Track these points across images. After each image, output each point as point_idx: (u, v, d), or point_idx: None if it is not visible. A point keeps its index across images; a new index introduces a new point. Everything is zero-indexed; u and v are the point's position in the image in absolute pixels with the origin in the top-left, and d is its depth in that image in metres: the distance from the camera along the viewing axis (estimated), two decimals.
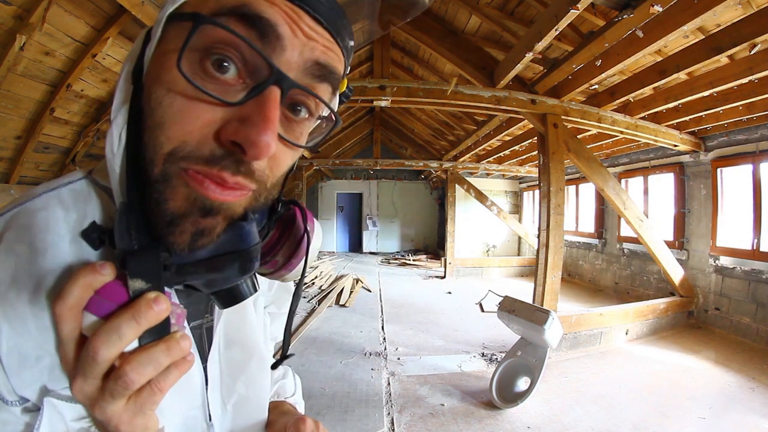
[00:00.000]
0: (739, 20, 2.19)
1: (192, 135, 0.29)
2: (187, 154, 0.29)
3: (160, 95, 0.29)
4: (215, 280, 0.34)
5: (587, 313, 3.44)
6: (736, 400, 2.51)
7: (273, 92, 0.29)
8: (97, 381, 0.27)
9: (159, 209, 0.30)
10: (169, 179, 0.29)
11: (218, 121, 0.29)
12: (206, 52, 0.29)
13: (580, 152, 3.42)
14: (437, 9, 3.44)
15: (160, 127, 0.29)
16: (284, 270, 0.41)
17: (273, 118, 0.29)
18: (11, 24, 2.05)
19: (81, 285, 0.27)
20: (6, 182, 2.99)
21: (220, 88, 0.29)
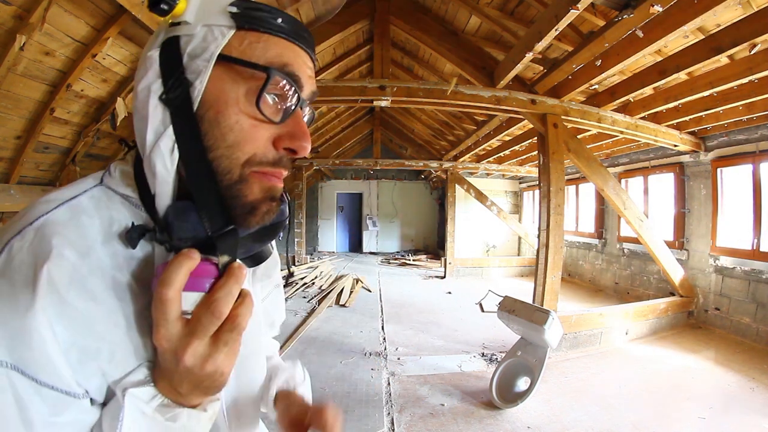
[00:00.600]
0: (739, 20, 2.19)
1: (260, 147, 0.40)
2: (259, 161, 0.40)
3: (231, 122, 0.38)
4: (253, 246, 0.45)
5: (587, 313, 3.44)
6: (736, 400, 2.51)
7: (299, 112, 0.43)
8: (207, 339, 0.35)
9: (239, 202, 0.40)
10: (246, 180, 0.40)
11: (273, 134, 0.41)
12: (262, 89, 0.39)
13: (580, 152, 3.42)
14: (437, 9, 3.45)
15: (236, 145, 0.39)
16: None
17: (306, 130, 0.43)
18: (11, 24, 2.04)
19: (183, 270, 0.34)
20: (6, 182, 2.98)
21: (272, 114, 0.41)
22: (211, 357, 0.35)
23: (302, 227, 7.98)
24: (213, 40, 0.37)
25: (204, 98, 0.38)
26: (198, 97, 0.38)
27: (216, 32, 0.38)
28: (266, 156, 0.41)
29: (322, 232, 10.69)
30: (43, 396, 0.32)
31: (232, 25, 0.38)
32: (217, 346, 0.35)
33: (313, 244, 10.48)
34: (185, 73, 0.37)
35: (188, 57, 0.38)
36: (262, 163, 0.40)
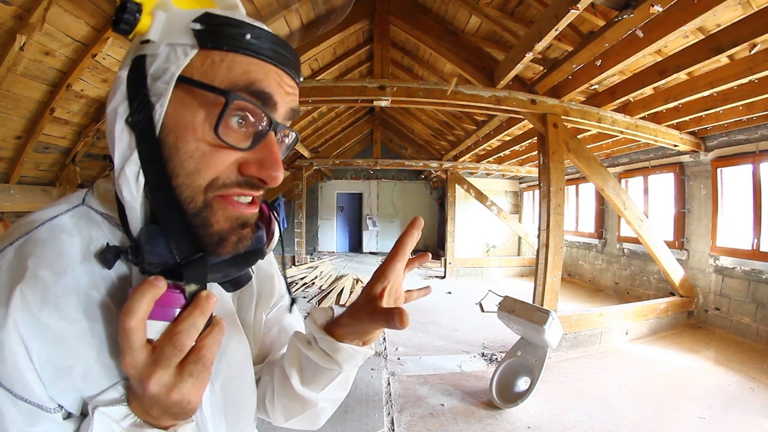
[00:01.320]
0: (739, 20, 2.19)
1: (221, 172, 0.38)
2: (222, 184, 0.38)
3: (191, 149, 0.36)
4: (231, 271, 0.43)
5: (587, 313, 3.44)
6: (736, 400, 2.51)
7: (272, 136, 0.39)
8: (172, 368, 0.35)
9: (206, 231, 0.38)
10: (210, 206, 0.38)
11: (239, 159, 0.38)
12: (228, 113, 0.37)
13: (580, 152, 3.42)
14: (437, 9, 3.45)
15: (197, 172, 0.37)
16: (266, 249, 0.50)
17: (278, 158, 0.40)
18: (11, 24, 2.04)
19: (147, 300, 0.33)
20: (6, 182, 2.98)
21: (237, 139, 0.38)
22: (176, 386, 0.34)
23: (302, 227, 7.98)
24: (175, 60, 0.35)
25: (165, 122, 0.36)
26: (159, 121, 0.36)
27: (179, 52, 0.35)
28: (229, 178, 0.38)
29: (322, 232, 10.69)
30: (18, 407, 0.33)
31: (194, 44, 0.35)
32: (182, 377, 0.35)
33: (313, 244, 10.48)
34: (149, 95, 0.36)
35: (151, 78, 0.36)
36: (225, 185, 0.38)
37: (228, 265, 0.42)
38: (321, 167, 8.41)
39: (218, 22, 0.36)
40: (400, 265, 0.48)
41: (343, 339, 0.47)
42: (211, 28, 0.36)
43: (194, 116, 0.36)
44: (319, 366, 0.48)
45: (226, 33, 0.36)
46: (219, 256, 0.39)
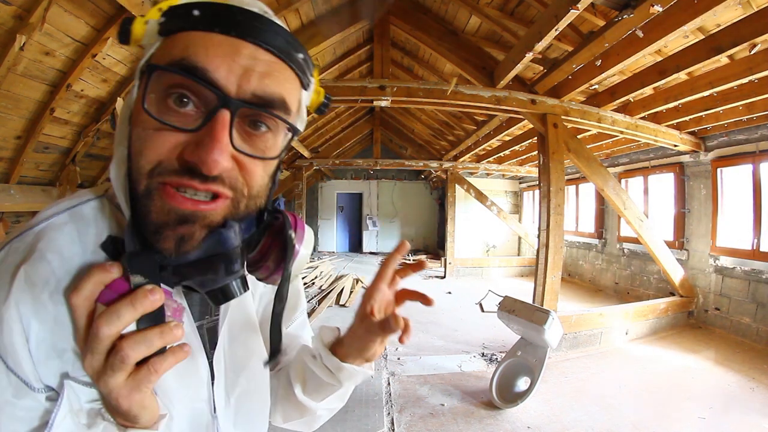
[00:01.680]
0: (739, 20, 2.19)
1: (163, 156, 0.35)
2: (161, 170, 0.35)
3: (138, 130, 0.36)
4: (206, 280, 0.39)
5: (587, 313, 3.44)
6: (736, 400, 2.51)
7: (222, 115, 0.35)
8: (101, 357, 0.33)
9: (145, 221, 0.36)
10: (150, 193, 0.36)
11: (182, 144, 0.36)
12: (166, 92, 0.36)
13: (580, 152, 3.42)
14: (437, 9, 3.45)
15: (140, 153, 0.36)
16: (276, 274, 0.45)
17: (219, 137, 0.35)
18: (11, 24, 2.04)
19: (93, 281, 0.34)
20: (6, 182, 2.98)
21: (181, 120, 0.36)
22: (101, 377, 0.34)
23: None
24: (145, 55, 0.38)
25: (132, 110, 0.38)
26: (129, 111, 0.38)
27: (148, 48, 0.38)
28: (170, 165, 0.35)
29: (322, 232, 10.69)
30: (9, 378, 0.34)
31: (157, 37, 0.37)
32: (105, 369, 0.33)
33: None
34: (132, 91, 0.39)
35: (135, 78, 0.39)
36: (164, 172, 0.35)
37: (196, 270, 0.38)
38: (321, 167, 8.41)
39: (176, 9, 0.37)
40: (384, 284, 0.51)
41: (346, 358, 0.51)
42: (169, 18, 0.37)
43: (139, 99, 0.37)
44: (321, 380, 0.52)
45: (178, 15, 0.36)
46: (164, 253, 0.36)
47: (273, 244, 0.45)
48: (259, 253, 0.44)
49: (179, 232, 0.36)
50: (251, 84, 0.37)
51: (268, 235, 0.45)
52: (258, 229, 0.44)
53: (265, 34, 0.37)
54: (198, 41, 0.35)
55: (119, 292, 0.34)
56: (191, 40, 0.36)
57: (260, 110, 0.38)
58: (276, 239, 0.45)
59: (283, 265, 0.44)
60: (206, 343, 0.48)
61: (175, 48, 0.36)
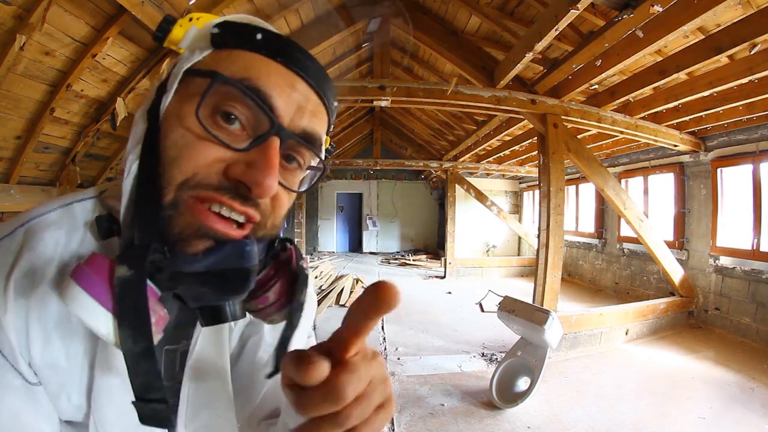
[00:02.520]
0: (739, 20, 2.19)
1: (202, 169, 0.34)
2: (197, 183, 0.34)
3: (177, 136, 0.35)
4: (205, 294, 0.36)
5: (587, 313, 3.44)
6: (736, 400, 2.51)
7: (274, 142, 0.36)
8: None
9: (167, 230, 0.34)
10: (178, 206, 0.34)
11: (227, 160, 0.35)
12: (217, 106, 0.35)
13: (580, 152, 3.42)
14: (437, 9, 3.45)
15: (175, 161, 0.35)
16: (273, 308, 0.42)
17: (275, 163, 0.35)
18: (11, 24, 2.04)
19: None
20: (6, 182, 2.98)
21: (228, 137, 0.35)
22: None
23: (302, 227, 7.99)
24: (188, 58, 0.37)
25: (166, 113, 0.37)
26: (162, 111, 0.37)
27: (195, 52, 0.37)
28: (208, 179, 0.34)
29: (322, 232, 10.69)
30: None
31: (208, 46, 0.37)
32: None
33: (313, 244, 10.48)
34: (165, 90, 0.37)
35: (171, 77, 0.38)
36: (202, 185, 0.34)
37: (201, 282, 0.35)
38: None
39: (233, 24, 0.38)
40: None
41: None
42: (225, 31, 0.37)
43: (187, 104, 0.36)
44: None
45: (237, 33, 0.37)
46: (185, 255, 0.34)
47: (278, 274, 0.42)
48: (262, 281, 0.42)
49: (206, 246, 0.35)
50: (303, 121, 0.38)
51: (273, 265, 0.43)
52: (267, 255, 0.43)
53: (317, 77, 0.39)
54: (260, 66, 0.36)
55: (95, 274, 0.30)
56: (253, 63, 0.36)
57: (305, 145, 0.39)
58: (281, 270, 0.42)
59: (285, 298, 0.42)
60: (176, 368, 0.45)
61: (234, 65, 0.36)
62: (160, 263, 0.34)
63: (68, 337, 0.37)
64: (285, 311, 0.42)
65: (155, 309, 0.32)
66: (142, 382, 0.30)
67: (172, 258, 0.34)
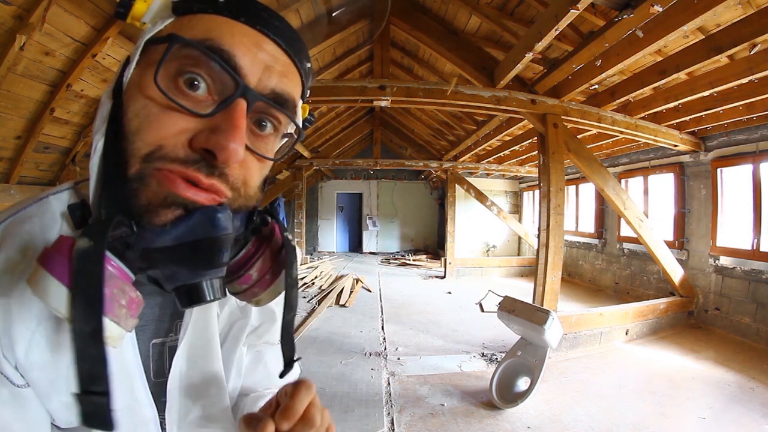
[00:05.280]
0: (739, 20, 2.19)
1: (167, 140, 0.33)
2: (162, 156, 0.32)
3: (138, 107, 0.33)
4: (178, 273, 0.34)
5: (587, 313, 3.44)
6: (736, 400, 2.51)
7: (240, 104, 0.34)
8: None
9: (132, 203, 0.32)
10: (143, 178, 0.32)
11: (191, 130, 0.33)
12: (179, 72, 0.33)
13: (580, 152, 3.41)
14: (437, 9, 3.45)
15: (137, 133, 0.33)
16: (257, 287, 0.40)
17: (240, 126, 0.33)
18: (11, 24, 2.04)
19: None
20: (6, 182, 2.98)
21: (192, 103, 0.34)
22: None
23: (302, 227, 7.98)
24: (150, 30, 0.35)
25: (128, 84, 0.35)
26: (125, 85, 0.35)
27: (157, 23, 0.36)
28: (174, 152, 0.33)
29: (322, 232, 10.69)
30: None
31: (169, 14, 0.35)
32: None
33: (313, 244, 10.48)
34: (128, 66, 0.36)
35: (134, 50, 0.36)
36: (165, 158, 0.32)
37: (172, 258, 0.33)
38: (321, 167, 8.41)
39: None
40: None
41: None
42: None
43: (147, 73, 0.34)
44: None
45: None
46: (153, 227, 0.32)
47: (260, 250, 0.40)
48: (243, 258, 0.40)
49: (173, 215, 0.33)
50: (272, 81, 0.36)
51: (255, 240, 0.41)
52: (246, 230, 0.40)
53: (286, 36, 0.37)
54: (223, 26, 0.34)
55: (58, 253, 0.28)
56: (215, 24, 0.34)
57: (276, 107, 0.37)
58: (264, 245, 0.40)
59: (269, 276, 0.40)
60: (165, 362, 0.45)
61: (195, 28, 0.34)
62: (128, 238, 0.32)
63: (53, 332, 0.35)
64: (271, 290, 0.40)
65: (125, 290, 0.30)
66: (88, 368, 0.27)
67: (140, 232, 0.32)
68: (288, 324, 0.41)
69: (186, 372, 0.45)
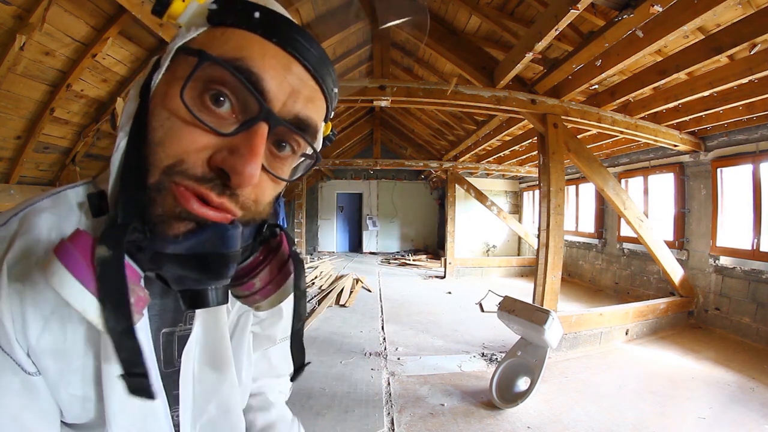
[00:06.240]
0: (739, 20, 2.19)
1: (188, 155, 0.33)
2: (182, 171, 0.33)
3: (163, 118, 0.34)
4: (186, 278, 0.36)
5: (587, 313, 3.44)
6: (736, 400, 2.51)
7: (261, 127, 0.34)
8: None
9: (149, 211, 0.34)
10: (161, 190, 0.34)
11: (212, 147, 0.34)
12: (206, 87, 0.34)
13: (580, 152, 3.41)
14: (437, 9, 3.44)
15: (161, 144, 0.34)
16: (259, 295, 0.41)
17: (258, 151, 0.34)
18: (11, 24, 2.04)
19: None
20: (6, 182, 2.98)
21: (215, 120, 0.34)
22: None
23: (302, 227, 7.98)
24: (183, 35, 0.36)
25: (156, 91, 0.36)
26: (153, 88, 0.36)
27: (190, 29, 0.36)
28: (193, 168, 0.33)
29: (322, 232, 10.69)
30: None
31: (204, 23, 0.36)
32: None
33: (313, 244, 10.48)
34: (159, 69, 0.36)
35: (165, 53, 0.37)
36: (184, 174, 0.33)
37: (181, 265, 0.35)
38: (321, 167, 8.41)
39: (232, 2, 0.36)
40: None
41: None
42: (223, 7, 0.36)
43: (174, 85, 0.34)
44: None
45: (235, 10, 0.35)
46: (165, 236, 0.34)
47: (266, 260, 0.42)
48: (249, 266, 0.41)
49: (184, 229, 0.34)
50: (296, 106, 0.37)
51: (262, 250, 0.42)
52: (254, 241, 0.42)
53: (316, 61, 0.37)
54: (254, 46, 0.34)
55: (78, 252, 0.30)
56: (247, 42, 0.34)
57: (297, 132, 0.37)
58: (271, 256, 0.42)
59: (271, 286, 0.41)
60: (174, 352, 0.45)
61: (227, 44, 0.34)
62: (141, 243, 0.33)
63: (67, 321, 0.36)
64: (272, 299, 0.41)
65: (134, 289, 0.32)
66: (126, 358, 0.30)
67: (153, 238, 0.33)
68: (297, 333, 0.42)
69: (199, 369, 0.46)
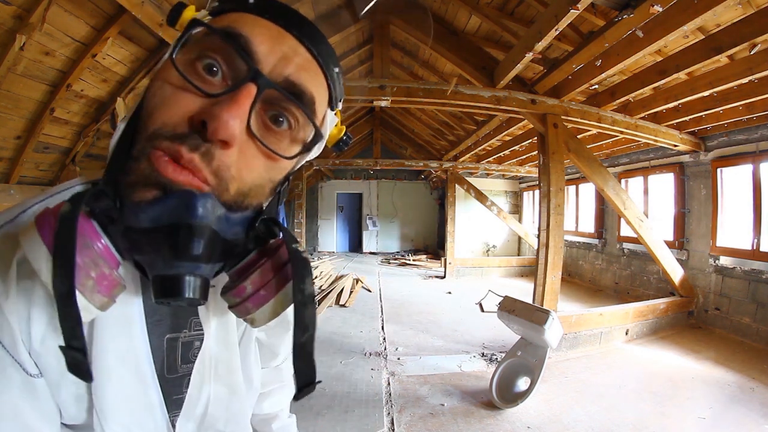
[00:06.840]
0: (739, 20, 2.19)
1: (171, 119, 0.32)
2: (162, 133, 0.32)
3: (156, 87, 0.34)
4: (155, 260, 0.32)
5: (587, 313, 3.44)
6: (736, 400, 2.51)
7: (248, 87, 0.33)
8: None
9: (122, 179, 0.32)
10: (140, 157, 0.32)
11: (196, 109, 0.33)
12: (198, 56, 0.34)
13: (580, 152, 3.41)
14: (437, 9, 3.45)
15: (150, 114, 0.33)
16: (250, 302, 0.35)
17: (241, 102, 0.32)
18: (11, 24, 2.04)
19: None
20: (6, 182, 2.98)
21: (206, 86, 0.34)
22: None
23: (302, 227, 7.98)
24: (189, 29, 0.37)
25: (158, 71, 0.37)
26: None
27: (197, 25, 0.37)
28: (172, 129, 0.32)
29: (322, 232, 10.69)
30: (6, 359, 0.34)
31: (206, 16, 0.38)
32: None
33: (313, 244, 10.48)
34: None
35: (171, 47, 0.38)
36: (163, 135, 0.32)
37: (148, 241, 0.31)
38: (321, 167, 8.41)
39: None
40: None
41: None
42: (223, 1, 0.38)
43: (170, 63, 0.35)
44: None
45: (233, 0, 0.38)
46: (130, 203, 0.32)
47: (261, 262, 0.36)
48: (242, 269, 0.37)
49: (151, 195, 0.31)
50: (287, 69, 0.35)
51: (259, 251, 0.38)
52: (246, 237, 0.38)
53: (310, 36, 0.37)
54: (247, 19, 0.35)
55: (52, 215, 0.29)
56: (240, 17, 0.36)
57: (288, 97, 0.35)
58: (266, 257, 0.37)
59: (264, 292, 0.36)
60: (177, 358, 0.44)
61: (221, 22, 0.36)
62: (112, 213, 0.32)
63: None
64: (266, 308, 0.35)
65: (97, 263, 0.30)
66: (67, 327, 0.28)
67: (122, 208, 0.32)
68: (301, 346, 0.34)
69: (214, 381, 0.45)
